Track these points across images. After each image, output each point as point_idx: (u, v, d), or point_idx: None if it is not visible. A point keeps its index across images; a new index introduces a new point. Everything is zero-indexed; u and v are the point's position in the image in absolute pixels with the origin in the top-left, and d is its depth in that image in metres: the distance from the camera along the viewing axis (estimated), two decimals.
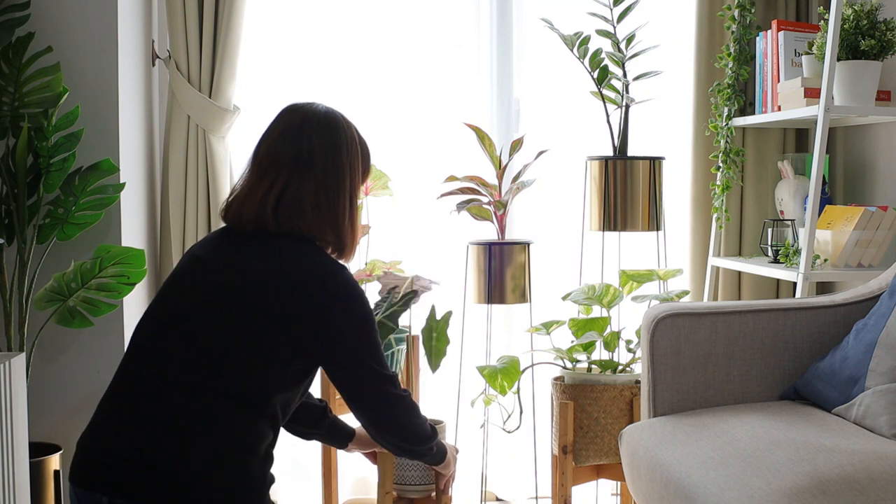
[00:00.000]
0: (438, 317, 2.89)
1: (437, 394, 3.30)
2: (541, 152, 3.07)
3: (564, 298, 3.04)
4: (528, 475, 3.27)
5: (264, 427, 1.84)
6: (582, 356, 2.97)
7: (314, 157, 1.92)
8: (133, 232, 3.10)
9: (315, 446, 3.16)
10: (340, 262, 1.95)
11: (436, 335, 2.88)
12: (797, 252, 2.98)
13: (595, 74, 3.09)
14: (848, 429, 2.11)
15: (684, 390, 2.41)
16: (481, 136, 3.03)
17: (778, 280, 3.41)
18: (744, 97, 3.33)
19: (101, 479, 1.75)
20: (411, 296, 2.80)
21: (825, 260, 2.94)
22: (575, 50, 3.07)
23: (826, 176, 3.30)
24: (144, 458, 1.75)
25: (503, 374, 2.87)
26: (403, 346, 2.98)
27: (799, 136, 3.50)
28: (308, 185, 1.91)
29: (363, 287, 3.09)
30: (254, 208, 1.90)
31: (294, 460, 3.44)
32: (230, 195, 1.97)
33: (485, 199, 3.02)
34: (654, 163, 3.09)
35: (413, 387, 2.97)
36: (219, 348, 1.81)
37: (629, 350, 2.96)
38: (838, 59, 2.87)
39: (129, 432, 1.78)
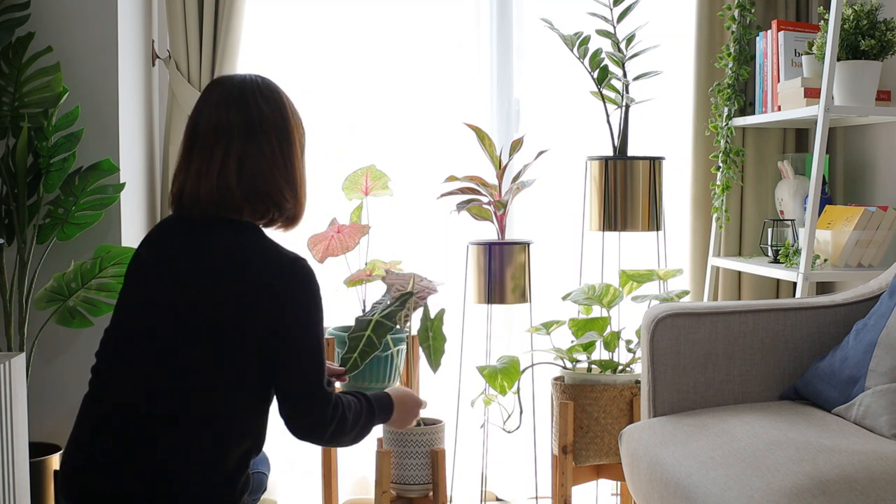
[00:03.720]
0: (432, 315, 2.90)
1: (437, 394, 3.30)
2: (541, 152, 3.07)
3: (564, 298, 3.04)
4: (528, 475, 3.27)
5: (240, 444, 1.80)
6: (582, 356, 2.97)
7: (266, 122, 1.83)
8: (133, 232, 3.10)
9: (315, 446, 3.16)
10: (295, 253, 1.85)
11: (432, 334, 2.88)
12: (797, 252, 2.98)
13: (595, 74, 3.09)
14: (848, 429, 2.11)
15: (684, 390, 2.41)
16: (481, 136, 3.03)
17: (778, 280, 3.41)
18: (744, 97, 3.33)
19: (81, 495, 1.76)
20: (408, 296, 2.80)
21: (825, 260, 2.94)
22: (575, 50, 3.07)
23: (826, 176, 3.30)
24: (117, 480, 1.74)
25: (503, 374, 2.87)
26: (403, 347, 2.98)
27: (799, 136, 3.50)
28: (265, 149, 1.82)
29: (362, 287, 3.09)
30: (213, 184, 1.80)
31: (294, 458, 3.44)
32: (177, 182, 1.85)
33: (485, 199, 3.02)
34: (654, 163, 3.09)
35: (413, 387, 2.98)
36: (186, 375, 1.75)
37: (629, 350, 2.96)
38: (838, 59, 2.87)
39: (104, 461, 1.75)
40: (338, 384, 3.09)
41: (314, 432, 1.84)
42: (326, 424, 1.83)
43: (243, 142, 1.81)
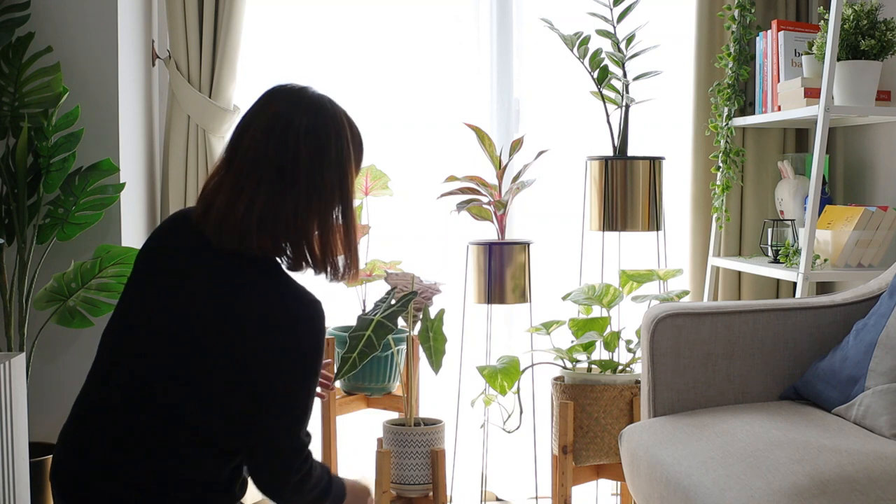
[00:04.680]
0: (432, 316, 2.90)
1: (437, 394, 3.31)
2: (541, 152, 3.07)
3: (564, 298, 3.04)
4: (528, 475, 3.27)
5: (236, 457, 1.77)
6: (582, 356, 2.97)
7: (299, 168, 1.69)
8: (133, 232, 3.10)
9: (316, 444, 3.16)
10: (311, 294, 1.73)
11: (433, 335, 2.88)
12: (797, 252, 2.98)
13: (595, 74, 3.09)
14: (848, 429, 2.11)
15: (684, 390, 2.41)
16: (481, 136, 3.03)
17: (778, 280, 3.41)
18: (744, 97, 3.33)
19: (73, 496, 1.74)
20: (411, 297, 2.80)
21: (825, 260, 2.94)
22: (575, 50, 3.07)
23: (826, 176, 3.30)
24: (109, 493, 1.71)
25: (503, 374, 2.87)
26: (403, 347, 2.98)
27: (799, 136, 3.50)
28: (289, 201, 1.70)
29: (363, 287, 3.09)
30: (237, 222, 1.70)
31: None
32: (208, 196, 1.74)
33: (485, 199, 3.02)
34: (654, 163, 3.09)
35: (413, 387, 2.97)
36: (183, 398, 1.70)
37: (629, 350, 2.96)
38: (838, 59, 2.87)
39: (95, 470, 1.72)
40: (337, 383, 3.09)
41: (279, 479, 1.75)
42: (292, 475, 1.75)
43: (271, 187, 1.69)
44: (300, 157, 1.70)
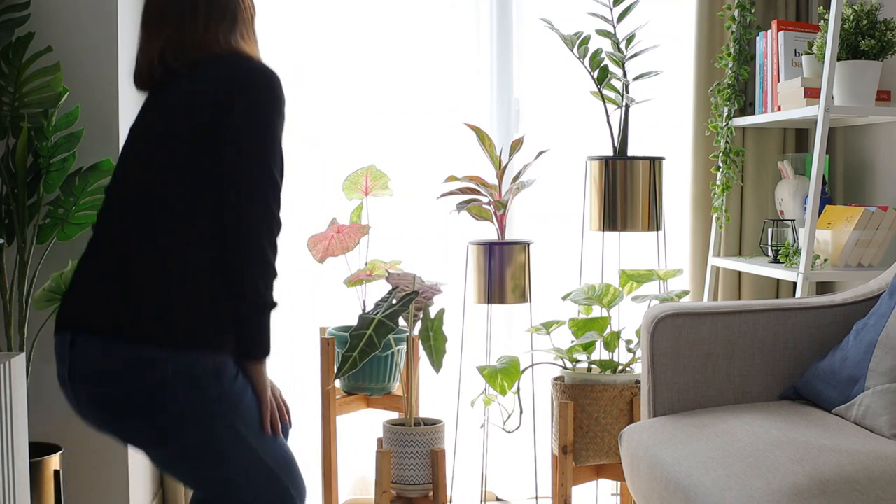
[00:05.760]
0: (432, 316, 2.90)
1: (437, 394, 3.31)
2: (541, 152, 3.07)
3: (564, 298, 3.04)
4: (528, 475, 3.27)
5: (214, 276, 1.88)
6: (582, 356, 2.97)
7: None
8: None
9: (316, 444, 3.16)
10: (264, 64, 1.99)
11: (433, 334, 2.88)
12: (797, 252, 2.98)
13: (595, 74, 3.09)
14: (848, 429, 2.11)
15: (684, 390, 2.41)
16: (481, 136, 3.03)
17: (778, 280, 3.41)
18: (744, 97, 3.33)
19: (67, 319, 1.92)
20: (412, 296, 2.80)
21: (825, 260, 2.94)
22: (575, 50, 3.07)
23: (826, 176, 3.30)
24: (100, 296, 1.88)
25: (503, 374, 2.87)
26: (403, 347, 2.98)
27: (799, 136, 3.50)
28: (208, 19, 2.00)
29: (363, 287, 3.09)
30: (188, 48, 1.98)
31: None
32: (148, 56, 2.01)
33: (485, 199, 3.02)
34: (654, 163, 3.09)
35: (413, 387, 2.98)
36: (155, 196, 1.89)
37: (629, 350, 2.96)
38: (838, 59, 2.87)
39: (93, 283, 1.91)
40: (337, 383, 3.09)
41: (256, 228, 1.88)
42: (268, 223, 1.89)
43: (194, 15, 2.00)
44: None
